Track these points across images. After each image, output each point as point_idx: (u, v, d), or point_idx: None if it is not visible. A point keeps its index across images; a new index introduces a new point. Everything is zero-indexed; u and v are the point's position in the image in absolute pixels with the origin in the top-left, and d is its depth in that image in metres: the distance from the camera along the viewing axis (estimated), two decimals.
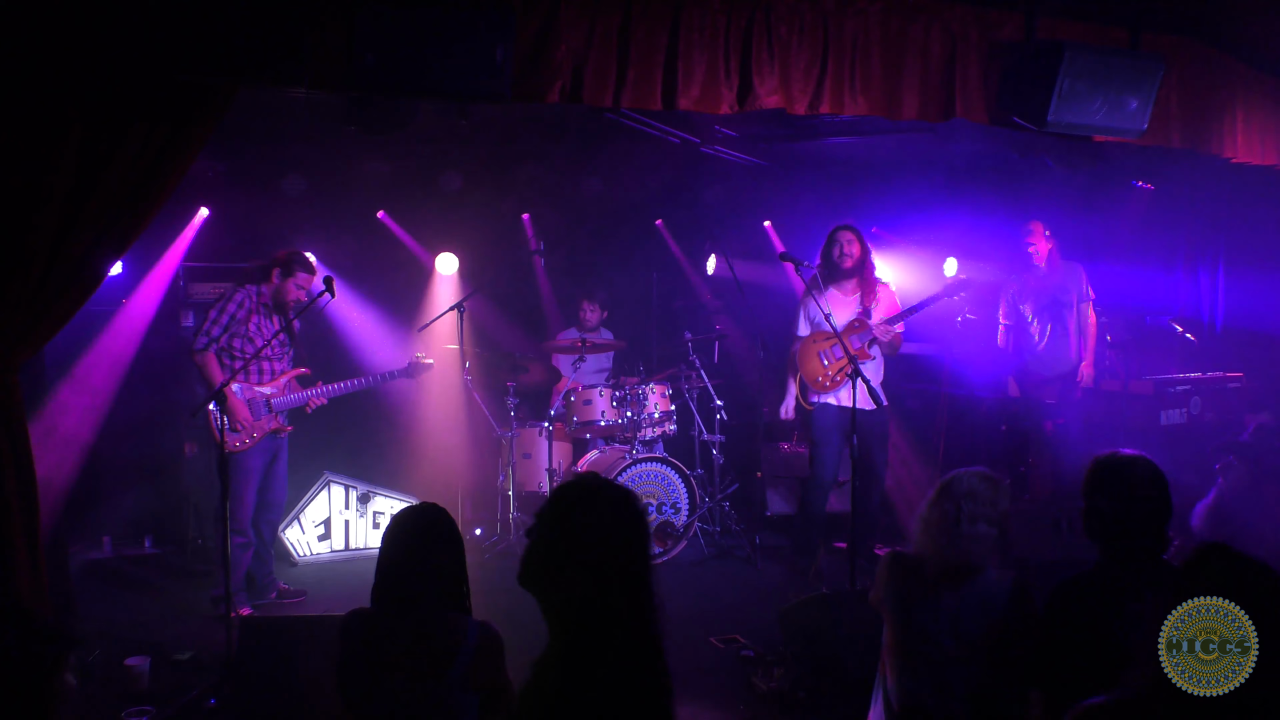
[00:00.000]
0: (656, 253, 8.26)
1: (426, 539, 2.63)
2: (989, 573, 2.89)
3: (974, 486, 2.85)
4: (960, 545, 2.82)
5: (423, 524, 2.66)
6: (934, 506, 2.88)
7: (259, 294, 5.22)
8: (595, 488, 2.02)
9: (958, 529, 2.80)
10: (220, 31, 3.30)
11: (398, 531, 2.65)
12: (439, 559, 2.62)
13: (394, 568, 2.61)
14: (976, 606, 2.85)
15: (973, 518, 2.81)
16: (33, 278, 3.36)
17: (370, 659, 2.54)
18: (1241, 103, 5.23)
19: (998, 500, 2.86)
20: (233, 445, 5.10)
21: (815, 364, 5.75)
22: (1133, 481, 2.68)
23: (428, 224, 7.54)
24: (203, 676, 4.27)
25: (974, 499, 2.83)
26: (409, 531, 2.64)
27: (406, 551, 2.61)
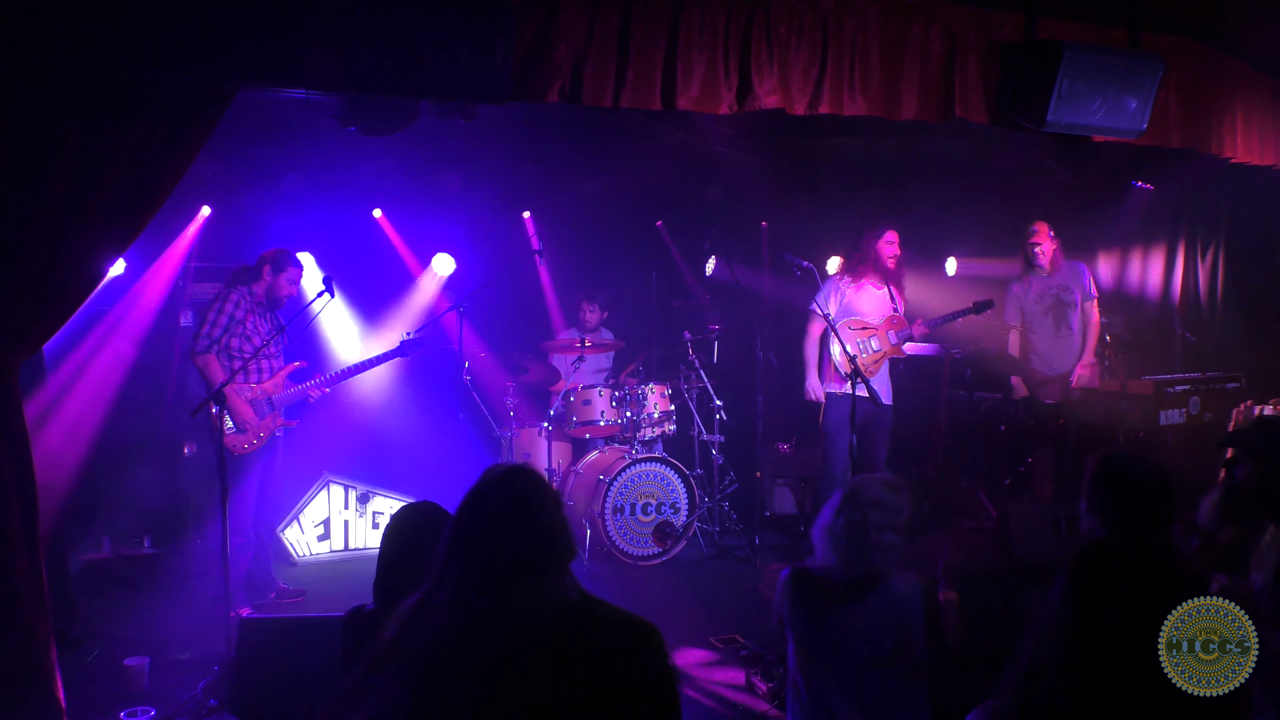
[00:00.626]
0: (656, 253, 8.26)
1: (426, 537, 2.63)
2: (894, 579, 2.82)
3: (880, 495, 2.77)
4: (869, 556, 2.74)
5: (422, 521, 2.66)
6: (839, 516, 2.78)
7: (252, 294, 5.23)
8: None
9: (866, 540, 2.72)
10: (220, 31, 3.30)
11: (397, 529, 2.66)
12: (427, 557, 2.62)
13: (394, 564, 2.61)
14: (886, 615, 2.78)
15: (880, 527, 2.74)
16: (32, 278, 3.36)
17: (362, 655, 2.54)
18: (1241, 103, 5.23)
19: (903, 508, 2.79)
20: (240, 447, 5.10)
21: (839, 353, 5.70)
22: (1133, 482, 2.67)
23: (428, 224, 7.53)
24: (202, 676, 4.27)
25: (880, 508, 2.75)
26: (409, 529, 2.65)
27: (406, 549, 2.61)
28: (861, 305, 5.85)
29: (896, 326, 5.82)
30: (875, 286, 5.88)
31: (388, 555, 2.64)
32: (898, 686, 2.79)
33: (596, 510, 6.18)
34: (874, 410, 5.49)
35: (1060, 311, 6.28)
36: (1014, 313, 6.45)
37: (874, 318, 5.83)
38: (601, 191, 7.79)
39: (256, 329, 5.18)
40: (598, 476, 6.31)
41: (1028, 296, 6.39)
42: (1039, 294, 6.34)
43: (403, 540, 2.64)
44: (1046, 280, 6.32)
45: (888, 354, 5.82)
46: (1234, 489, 3.03)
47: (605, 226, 8.06)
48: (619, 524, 6.24)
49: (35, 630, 3.48)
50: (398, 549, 2.63)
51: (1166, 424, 5.73)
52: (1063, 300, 6.28)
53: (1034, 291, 6.36)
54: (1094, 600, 1.85)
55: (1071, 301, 6.26)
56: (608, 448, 6.69)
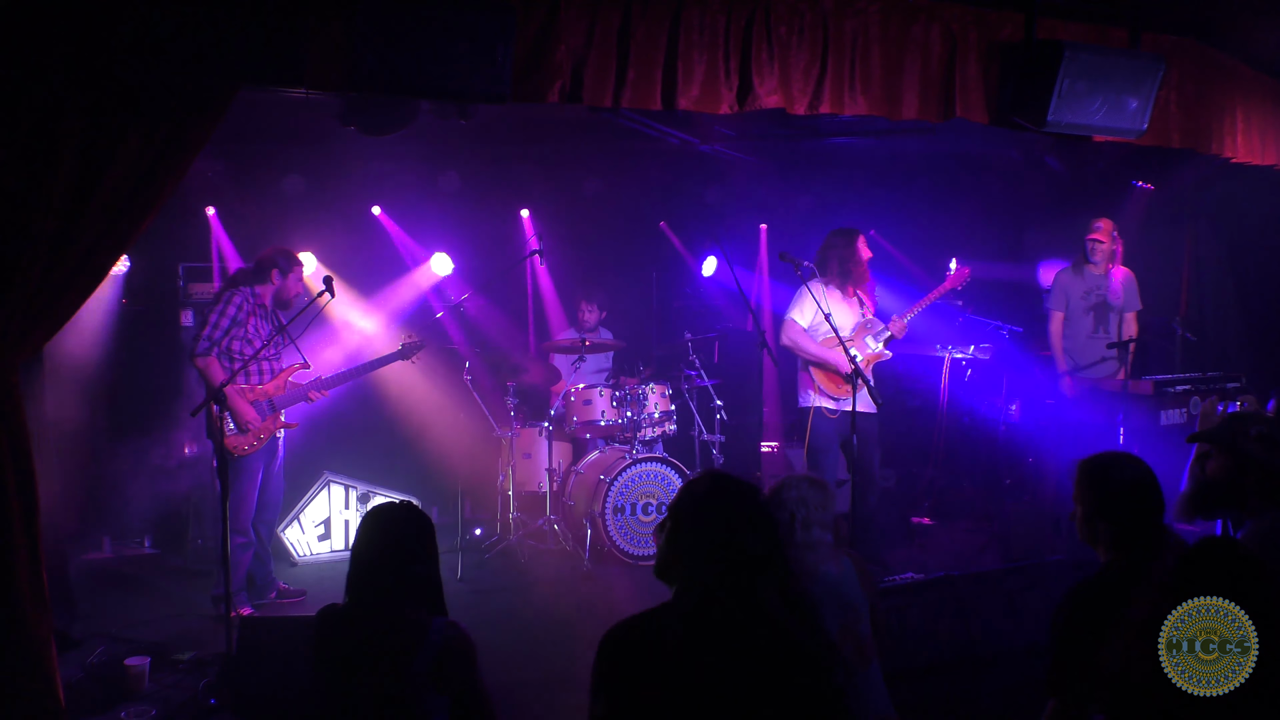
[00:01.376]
0: (656, 253, 8.27)
1: (400, 537, 2.63)
2: (828, 565, 2.84)
3: (804, 493, 2.80)
4: (797, 554, 2.76)
5: (397, 522, 2.66)
6: None
7: (255, 295, 5.22)
8: (723, 483, 2.10)
9: (792, 537, 2.75)
10: (220, 31, 3.30)
11: (372, 528, 2.64)
12: (412, 558, 2.62)
13: (367, 564, 2.61)
14: (827, 600, 2.79)
15: (807, 523, 2.77)
16: (33, 278, 3.36)
17: (340, 654, 2.54)
18: (1242, 103, 5.23)
19: (828, 503, 2.83)
20: (241, 448, 5.10)
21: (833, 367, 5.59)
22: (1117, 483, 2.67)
23: (428, 224, 7.54)
24: (202, 676, 4.27)
25: (806, 505, 2.78)
26: (383, 529, 2.64)
27: (380, 549, 2.61)
28: (837, 313, 5.55)
29: (871, 332, 5.70)
30: (845, 295, 5.71)
31: (362, 554, 2.63)
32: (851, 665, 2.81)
33: (597, 510, 6.18)
34: (861, 421, 5.43)
35: (1101, 313, 6.24)
36: (1059, 300, 6.36)
37: (847, 329, 5.64)
38: (601, 191, 7.79)
39: (258, 331, 5.17)
40: (598, 476, 6.31)
41: (1075, 289, 6.31)
42: (1085, 290, 6.28)
43: (378, 540, 2.62)
44: (1097, 279, 6.26)
45: (870, 362, 5.67)
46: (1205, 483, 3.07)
47: (605, 226, 8.06)
48: (620, 524, 6.24)
49: (35, 630, 3.48)
50: (372, 548, 2.61)
51: (1166, 424, 5.73)
52: (1108, 303, 6.24)
53: (1082, 286, 6.29)
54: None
55: (1114, 306, 6.24)
56: (608, 448, 6.69)
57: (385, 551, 2.61)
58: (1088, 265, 6.27)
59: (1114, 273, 6.26)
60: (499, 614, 5.28)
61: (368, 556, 2.61)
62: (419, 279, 7.61)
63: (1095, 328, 6.28)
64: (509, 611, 5.34)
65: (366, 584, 2.60)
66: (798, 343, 5.63)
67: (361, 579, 2.61)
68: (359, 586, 2.61)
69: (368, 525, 2.65)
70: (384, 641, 2.53)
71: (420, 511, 2.72)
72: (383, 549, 2.61)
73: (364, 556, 2.62)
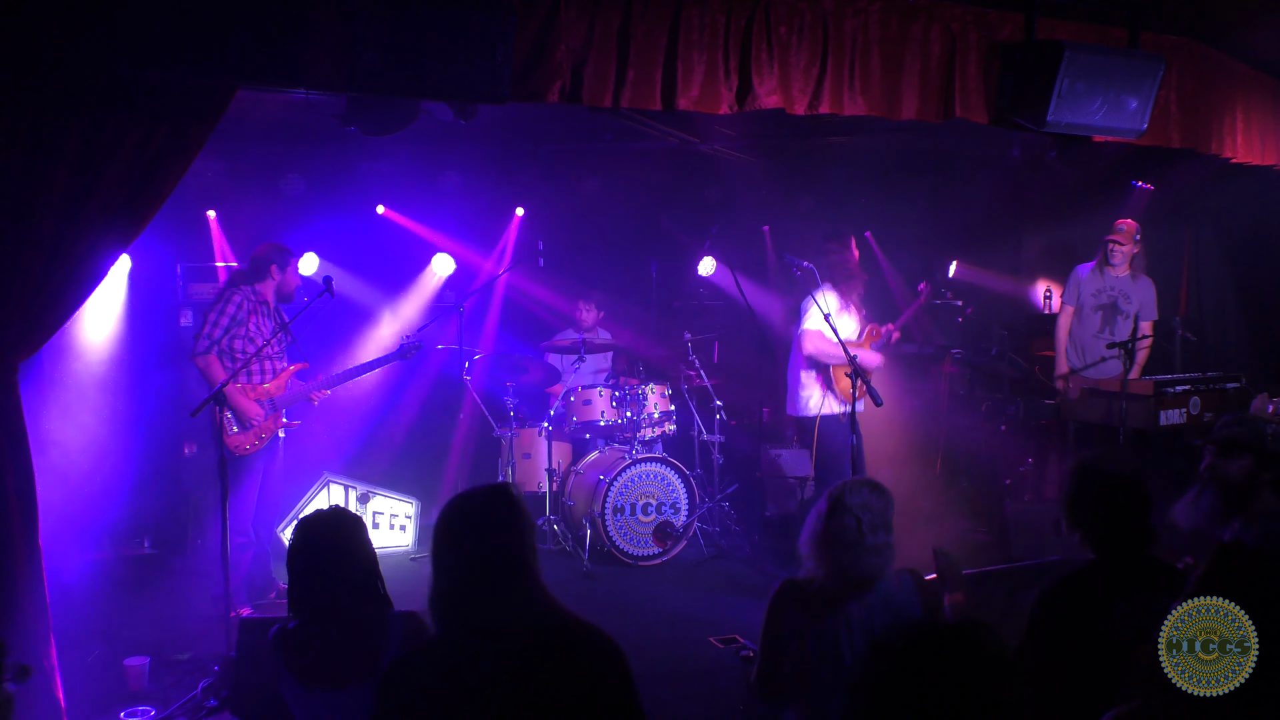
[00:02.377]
0: (656, 252, 8.26)
1: (336, 544, 2.62)
2: (888, 579, 2.87)
3: (867, 499, 2.83)
4: (865, 559, 2.79)
5: (330, 529, 2.65)
6: (830, 522, 2.82)
7: (255, 293, 5.22)
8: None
9: (861, 542, 2.77)
10: (220, 32, 3.30)
11: (306, 541, 2.63)
12: (352, 562, 2.61)
13: (309, 577, 2.60)
14: (884, 610, 2.81)
15: (874, 528, 2.79)
16: (33, 278, 3.36)
17: (302, 671, 2.53)
18: (1242, 103, 5.23)
19: (888, 508, 2.85)
20: (242, 447, 5.10)
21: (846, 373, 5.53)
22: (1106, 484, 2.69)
23: (428, 224, 7.54)
24: (202, 676, 4.27)
25: (870, 510, 2.80)
26: (318, 539, 2.63)
27: (320, 560, 2.59)
28: (842, 322, 5.55)
29: (874, 339, 5.71)
30: (844, 300, 5.67)
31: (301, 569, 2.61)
32: None
33: (597, 510, 6.18)
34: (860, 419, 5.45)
35: (1110, 315, 6.22)
36: (1071, 295, 6.34)
37: (854, 335, 5.64)
38: (601, 191, 7.79)
39: (259, 329, 5.18)
40: (598, 476, 6.31)
41: (1087, 286, 6.30)
42: (1098, 290, 6.26)
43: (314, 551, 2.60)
44: (1113, 280, 6.24)
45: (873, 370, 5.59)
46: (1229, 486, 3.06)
47: (605, 226, 8.06)
48: (619, 524, 6.24)
49: (35, 630, 3.48)
50: (311, 561, 2.60)
51: (1166, 424, 5.73)
52: (1119, 307, 6.23)
53: (1095, 285, 6.28)
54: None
55: (1125, 311, 6.22)
56: (608, 448, 6.69)
57: (326, 562, 2.59)
58: (1107, 266, 6.23)
59: (1132, 279, 6.24)
60: None
61: (309, 569, 2.60)
62: (419, 279, 7.61)
63: (1101, 328, 6.28)
64: None
65: (313, 596, 2.60)
66: (825, 350, 5.53)
67: (307, 592, 2.60)
68: (305, 600, 2.60)
69: (301, 538, 2.64)
70: (350, 649, 2.53)
71: (348, 513, 2.74)
72: (322, 559, 2.59)
73: (305, 570, 2.60)
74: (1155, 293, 6.30)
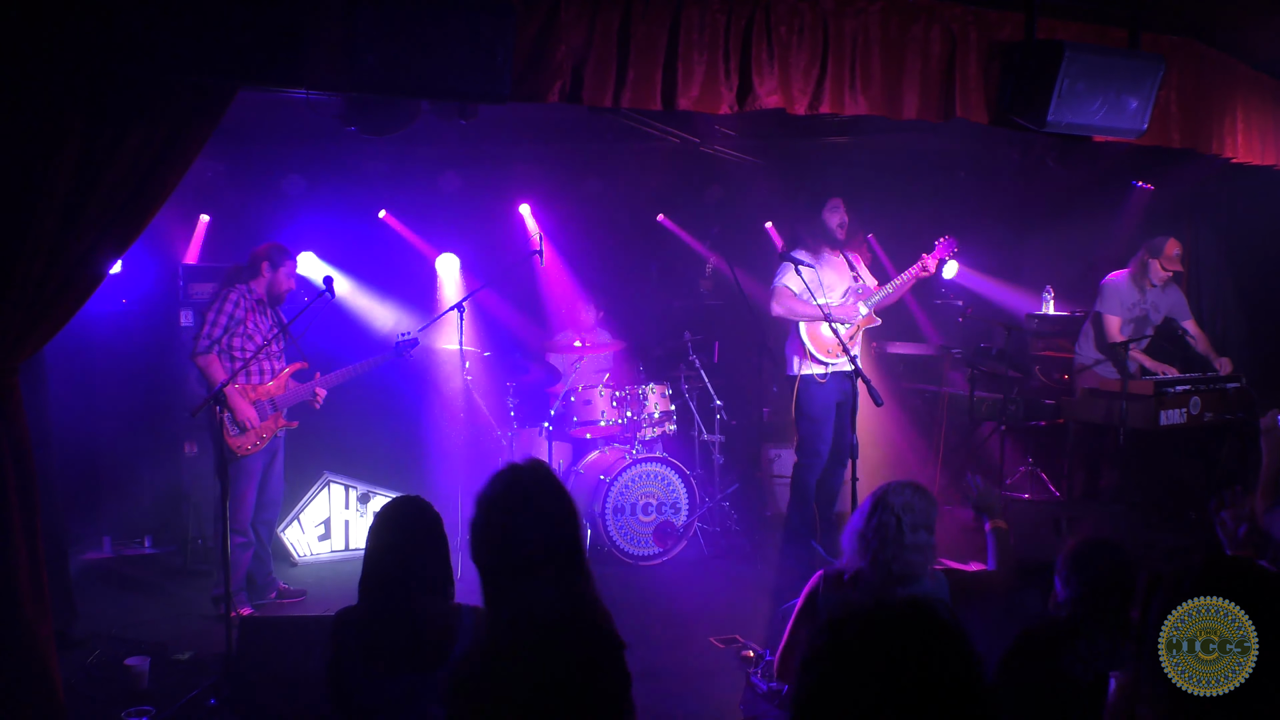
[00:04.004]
0: (656, 252, 8.27)
1: (412, 533, 2.65)
2: (925, 579, 2.94)
3: (910, 499, 2.91)
4: (905, 556, 2.87)
5: (407, 518, 2.68)
6: (872, 519, 2.91)
7: (251, 291, 5.23)
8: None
9: (902, 539, 2.85)
10: (220, 31, 3.30)
11: (385, 526, 2.67)
12: (426, 551, 2.64)
13: (382, 562, 2.63)
14: None
15: (915, 527, 2.87)
16: (32, 278, 3.36)
17: (365, 657, 2.54)
18: (1241, 103, 5.23)
19: (930, 509, 2.93)
20: (244, 448, 5.11)
21: (825, 330, 5.51)
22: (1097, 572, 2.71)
23: (428, 224, 7.54)
24: (203, 676, 4.27)
25: (913, 509, 2.89)
26: (395, 526, 2.66)
27: (394, 546, 2.63)
28: (825, 279, 5.57)
29: (862, 297, 5.63)
30: (832, 254, 5.69)
31: (376, 552, 2.65)
32: None
33: (597, 510, 6.18)
34: (851, 388, 5.40)
35: (1141, 327, 6.22)
36: (1114, 305, 6.28)
37: (837, 291, 5.61)
38: (601, 191, 7.79)
39: (257, 328, 5.18)
40: (598, 476, 6.31)
41: (1124, 294, 6.27)
42: (1132, 302, 6.25)
43: (391, 537, 2.64)
44: (1148, 295, 6.23)
45: (861, 326, 5.63)
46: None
47: (605, 226, 8.07)
48: (620, 524, 6.24)
49: (35, 630, 3.48)
50: (386, 546, 2.64)
51: (1167, 424, 5.73)
52: (1149, 319, 6.24)
53: (1132, 295, 6.26)
54: None
55: (1154, 321, 6.23)
56: (608, 448, 6.69)
57: (401, 548, 2.63)
58: (1147, 281, 6.18)
59: (1165, 292, 6.24)
60: None
61: (384, 554, 2.63)
62: (420, 279, 7.61)
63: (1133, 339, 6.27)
64: None
65: (385, 582, 2.61)
66: (792, 308, 5.53)
67: (379, 577, 2.62)
68: (377, 585, 2.62)
69: (381, 523, 2.67)
70: (419, 638, 2.55)
71: (428, 505, 2.75)
72: (397, 546, 2.63)
73: (379, 554, 2.64)
74: (1182, 292, 6.32)
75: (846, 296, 5.65)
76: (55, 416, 5.91)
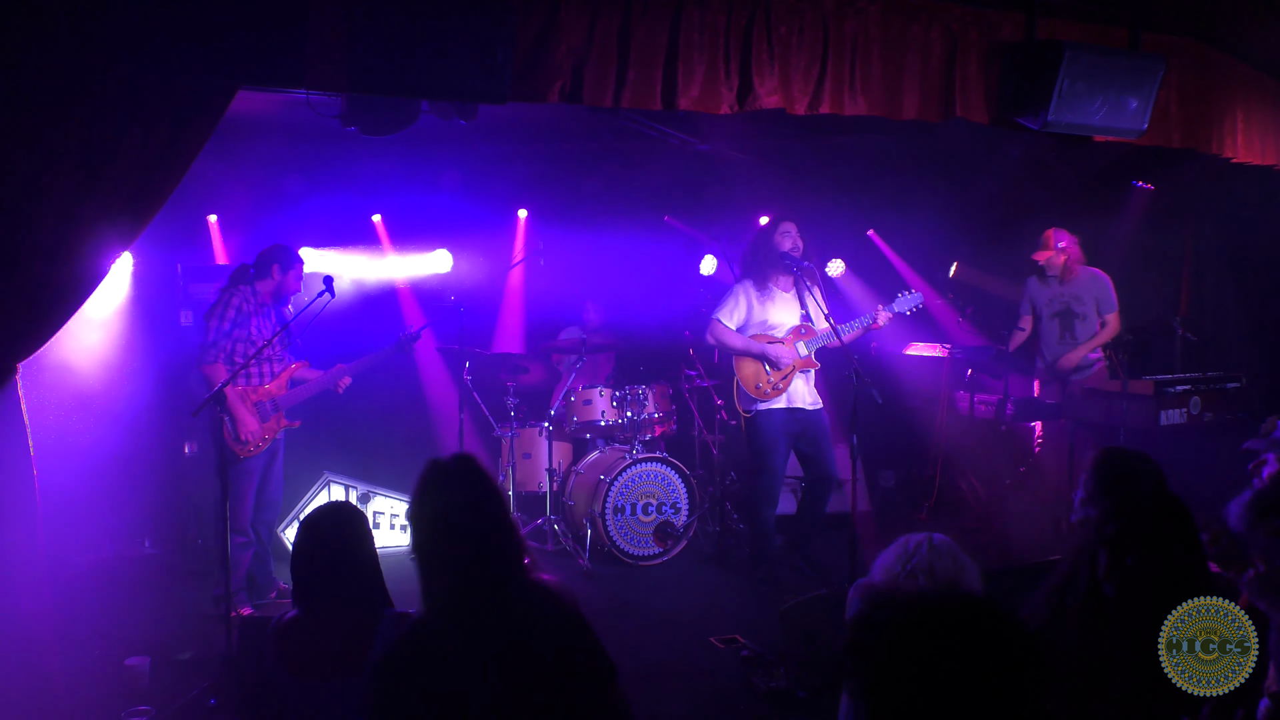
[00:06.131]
0: (656, 252, 8.26)
1: (339, 537, 2.66)
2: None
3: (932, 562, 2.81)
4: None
5: (333, 523, 2.69)
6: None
7: (255, 293, 5.23)
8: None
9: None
10: (220, 31, 3.30)
11: (310, 535, 2.68)
12: (354, 555, 2.65)
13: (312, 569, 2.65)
14: None
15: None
16: (33, 278, 3.36)
17: (295, 662, 2.55)
18: (1241, 103, 5.23)
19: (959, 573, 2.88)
20: (246, 450, 5.11)
21: (755, 369, 5.45)
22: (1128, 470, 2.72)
23: (428, 223, 7.54)
24: (203, 676, 4.27)
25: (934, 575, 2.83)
26: (322, 533, 2.67)
27: (323, 553, 2.64)
28: (771, 315, 5.46)
29: (805, 337, 5.47)
30: (784, 290, 5.53)
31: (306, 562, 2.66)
32: None
33: (597, 510, 6.18)
34: (806, 417, 5.43)
35: (1067, 320, 6.29)
36: (1027, 307, 6.47)
37: (782, 329, 5.48)
38: (601, 191, 7.79)
39: (260, 331, 5.18)
40: (598, 476, 6.31)
41: (1040, 296, 6.41)
42: (1050, 298, 6.37)
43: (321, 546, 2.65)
44: (1059, 287, 6.34)
45: (796, 368, 5.43)
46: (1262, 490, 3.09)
47: (605, 226, 8.06)
48: (620, 524, 6.24)
49: (35, 630, 3.48)
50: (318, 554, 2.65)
51: (1167, 424, 5.73)
52: (1072, 310, 6.29)
53: (1046, 294, 6.39)
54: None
55: (1082, 314, 6.27)
56: (608, 448, 6.69)
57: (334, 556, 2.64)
58: (1046, 274, 6.37)
59: (1077, 278, 6.29)
60: None
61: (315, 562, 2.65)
62: (420, 278, 7.61)
63: (1062, 334, 6.34)
64: None
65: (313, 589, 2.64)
66: (721, 338, 5.54)
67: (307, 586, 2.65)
68: (304, 594, 2.66)
69: (308, 533, 2.68)
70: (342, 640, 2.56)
71: (355, 509, 2.77)
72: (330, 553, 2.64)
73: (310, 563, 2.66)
74: (1109, 283, 6.31)
75: (789, 334, 5.49)
76: (55, 416, 5.93)
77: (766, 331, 5.48)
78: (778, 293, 5.55)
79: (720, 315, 5.55)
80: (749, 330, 5.50)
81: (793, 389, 5.44)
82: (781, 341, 5.49)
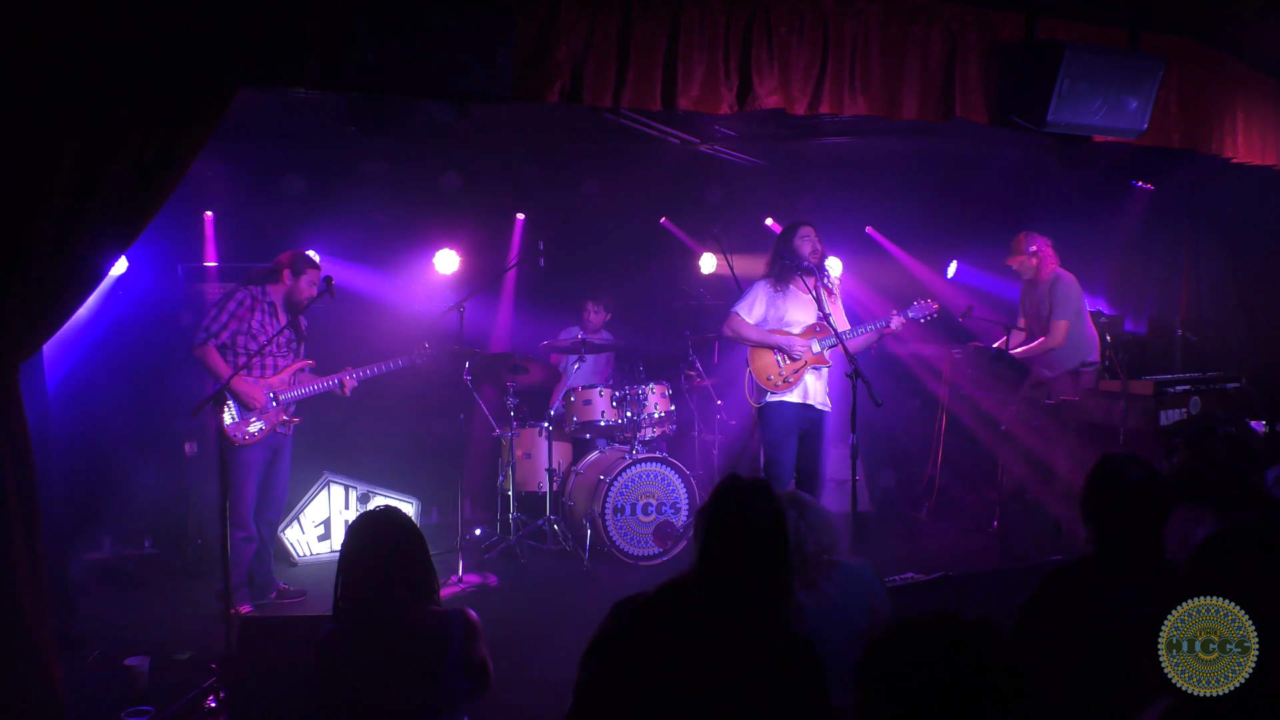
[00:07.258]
0: (656, 252, 8.26)
1: (392, 543, 2.65)
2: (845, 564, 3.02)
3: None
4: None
5: (384, 529, 2.69)
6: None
7: (265, 293, 5.27)
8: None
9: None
10: (220, 31, 3.30)
11: (362, 541, 2.67)
12: (407, 560, 2.65)
13: (364, 577, 2.63)
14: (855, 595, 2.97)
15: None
16: (32, 277, 3.36)
17: (356, 673, 2.54)
18: (1241, 103, 5.23)
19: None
20: (241, 437, 5.11)
21: (768, 361, 5.48)
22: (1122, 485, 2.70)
23: (428, 224, 7.54)
24: (203, 676, 4.27)
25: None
26: (373, 539, 2.67)
27: (376, 560, 2.63)
28: (788, 313, 5.52)
29: (819, 335, 5.50)
30: (802, 291, 5.54)
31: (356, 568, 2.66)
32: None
33: (597, 510, 6.18)
34: (816, 416, 5.45)
35: (1043, 325, 6.33)
36: (1022, 307, 6.50)
37: (798, 327, 5.53)
38: (601, 191, 7.79)
39: (263, 327, 5.20)
40: (598, 476, 6.31)
41: (1027, 298, 6.49)
42: (1032, 300, 6.44)
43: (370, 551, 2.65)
44: (1036, 289, 6.40)
45: (808, 364, 5.45)
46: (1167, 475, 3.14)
47: (605, 226, 8.06)
48: (619, 524, 6.24)
49: (35, 630, 3.48)
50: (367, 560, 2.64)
51: (1167, 424, 5.73)
52: (1041, 314, 6.36)
53: (1030, 296, 6.47)
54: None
55: (1044, 316, 6.32)
56: (608, 448, 6.69)
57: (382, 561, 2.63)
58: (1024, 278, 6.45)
59: (1045, 282, 6.32)
60: (499, 614, 5.27)
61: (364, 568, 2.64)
62: (420, 278, 7.61)
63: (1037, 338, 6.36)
64: (509, 611, 5.34)
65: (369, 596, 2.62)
66: (737, 330, 5.56)
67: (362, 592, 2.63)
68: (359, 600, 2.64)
69: (356, 538, 2.67)
70: (410, 648, 2.57)
71: (401, 513, 2.78)
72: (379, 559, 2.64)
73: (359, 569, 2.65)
74: (1070, 288, 6.27)
75: (804, 331, 5.54)
76: (55, 416, 5.92)
77: (783, 328, 5.50)
78: (796, 292, 5.59)
79: (739, 309, 5.58)
80: (766, 326, 5.54)
81: (808, 386, 5.45)
82: (797, 337, 5.55)
